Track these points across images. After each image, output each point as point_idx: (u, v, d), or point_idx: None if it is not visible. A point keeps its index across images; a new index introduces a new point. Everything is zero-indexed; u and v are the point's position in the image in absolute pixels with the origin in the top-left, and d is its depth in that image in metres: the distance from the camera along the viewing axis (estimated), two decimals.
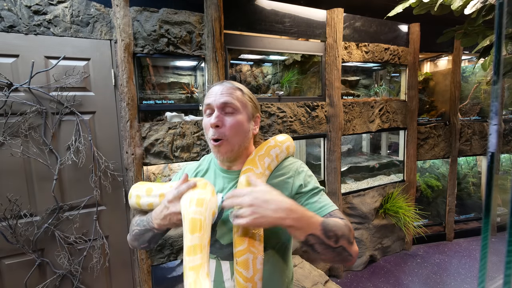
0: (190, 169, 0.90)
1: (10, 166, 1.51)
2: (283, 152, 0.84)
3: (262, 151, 0.80)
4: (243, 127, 0.77)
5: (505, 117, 3.40)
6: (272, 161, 0.80)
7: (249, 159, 0.78)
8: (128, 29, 1.66)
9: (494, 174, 0.42)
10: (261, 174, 0.75)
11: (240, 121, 0.76)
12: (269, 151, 0.80)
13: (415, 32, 2.78)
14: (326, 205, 0.75)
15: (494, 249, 2.62)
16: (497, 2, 0.38)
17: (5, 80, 1.45)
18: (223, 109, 0.75)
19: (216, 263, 0.76)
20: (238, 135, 0.76)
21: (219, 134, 0.73)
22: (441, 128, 3.08)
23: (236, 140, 0.76)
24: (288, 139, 0.87)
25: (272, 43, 2.20)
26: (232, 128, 0.74)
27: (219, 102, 0.74)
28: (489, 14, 1.33)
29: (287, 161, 0.84)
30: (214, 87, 0.78)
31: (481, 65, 1.60)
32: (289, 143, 0.86)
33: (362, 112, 2.62)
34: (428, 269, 2.64)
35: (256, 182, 0.67)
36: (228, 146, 0.75)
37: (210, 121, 0.73)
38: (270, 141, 0.84)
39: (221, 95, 0.75)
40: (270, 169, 0.79)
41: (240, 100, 0.77)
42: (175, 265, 2.23)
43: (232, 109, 0.75)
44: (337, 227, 0.65)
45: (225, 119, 0.74)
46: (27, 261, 1.57)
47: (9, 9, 1.47)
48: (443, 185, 3.32)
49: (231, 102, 0.75)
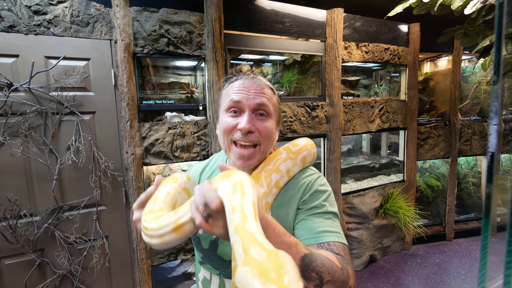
0: (196, 172, 0.81)
1: (10, 166, 1.51)
2: (297, 165, 0.70)
3: (269, 165, 0.67)
4: (273, 135, 0.68)
5: (505, 117, 3.40)
6: (282, 178, 0.67)
7: (254, 174, 0.66)
8: (128, 29, 1.66)
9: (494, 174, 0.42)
10: (267, 193, 0.64)
11: (272, 127, 0.66)
12: (278, 166, 0.67)
13: (415, 32, 2.77)
14: (328, 232, 0.59)
15: (494, 249, 2.62)
16: (497, 2, 0.38)
17: (5, 80, 1.45)
18: (255, 111, 0.65)
19: (219, 280, 0.68)
20: (268, 143, 0.66)
21: (250, 140, 0.63)
22: (441, 128, 3.08)
23: (265, 148, 0.66)
24: (306, 147, 0.72)
25: (272, 43, 2.20)
26: (264, 134, 0.65)
27: (254, 103, 0.64)
28: (489, 14, 1.33)
29: (302, 174, 0.70)
30: (243, 81, 0.66)
31: (481, 65, 1.60)
32: (306, 154, 0.72)
33: (362, 112, 2.62)
34: (428, 269, 2.64)
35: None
36: (258, 156, 0.66)
37: (241, 125, 0.62)
38: (281, 152, 0.70)
39: (255, 94, 0.64)
40: (278, 187, 0.66)
41: (273, 102, 0.67)
42: (175, 265, 2.23)
43: (265, 113, 0.65)
44: (325, 267, 0.49)
45: (257, 124, 0.64)
46: (27, 261, 1.57)
47: (9, 9, 1.47)
48: (443, 185, 3.32)
49: (266, 105, 0.65)
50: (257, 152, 0.65)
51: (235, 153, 0.65)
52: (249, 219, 0.40)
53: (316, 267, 0.48)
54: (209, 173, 0.79)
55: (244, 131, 0.62)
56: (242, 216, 0.40)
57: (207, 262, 0.70)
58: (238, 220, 0.40)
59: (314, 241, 0.58)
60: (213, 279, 0.69)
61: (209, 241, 0.69)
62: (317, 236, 0.58)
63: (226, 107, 0.66)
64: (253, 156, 0.65)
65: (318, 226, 0.60)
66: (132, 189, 1.73)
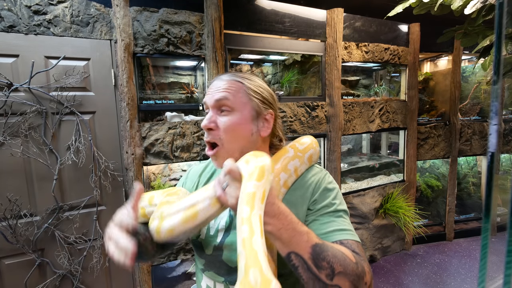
0: (194, 174, 0.80)
1: (10, 166, 1.51)
2: (304, 164, 0.69)
3: (277, 164, 0.65)
4: (242, 129, 0.64)
5: (505, 117, 3.40)
6: (290, 177, 0.65)
7: None
8: (128, 29, 1.66)
9: (494, 174, 0.42)
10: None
11: (237, 121, 0.63)
12: (286, 165, 0.65)
13: (415, 32, 2.77)
14: (339, 231, 0.59)
15: (494, 249, 2.62)
16: (497, 2, 0.38)
17: (5, 80, 1.45)
18: (218, 108, 0.64)
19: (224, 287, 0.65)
20: (236, 139, 0.63)
21: (212, 137, 0.63)
22: (441, 128, 3.08)
23: (235, 146, 0.63)
24: (311, 145, 0.71)
25: (272, 43, 2.20)
26: (226, 130, 0.62)
27: (213, 100, 0.63)
28: (489, 14, 1.33)
29: (309, 173, 0.69)
30: (214, 82, 0.67)
31: (481, 65, 1.60)
32: (312, 152, 0.71)
33: (362, 112, 2.62)
34: (428, 269, 2.64)
35: None
36: (225, 153, 0.63)
37: (202, 123, 0.63)
38: (289, 151, 0.68)
39: (216, 91, 0.64)
40: (286, 186, 0.65)
41: (238, 96, 0.64)
42: (175, 265, 2.23)
43: (228, 107, 0.63)
44: (337, 258, 0.49)
45: (219, 120, 0.63)
46: (27, 261, 1.57)
47: (9, 9, 1.47)
48: (443, 185, 3.32)
49: (227, 99, 0.62)
50: (220, 151, 0.64)
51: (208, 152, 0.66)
52: (256, 234, 0.43)
53: (327, 256, 0.49)
54: (209, 175, 0.78)
55: (204, 128, 0.63)
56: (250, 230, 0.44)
57: (211, 268, 0.67)
58: (246, 233, 0.43)
59: (329, 239, 0.58)
60: (217, 286, 0.65)
61: (212, 247, 0.65)
62: (329, 236, 0.58)
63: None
64: (218, 154, 0.64)
65: (329, 226, 0.60)
66: (132, 189, 1.74)
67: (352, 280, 0.49)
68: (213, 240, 0.66)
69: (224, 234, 0.65)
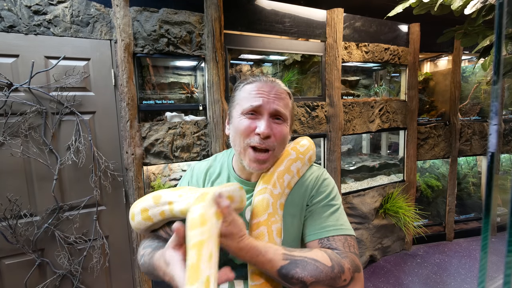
0: (200, 170, 0.80)
1: (10, 166, 1.51)
2: (306, 165, 0.73)
3: (281, 166, 0.69)
4: (287, 139, 0.69)
5: (505, 117, 3.40)
6: (293, 178, 0.70)
7: (267, 176, 0.68)
8: (128, 29, 1.66)
9: (494, 174, 0.42)
10: (280, 195, 0.66)
11: (287, 132, 0.68)
12: (290, 166, 0.69)
13: (415, 32, 2.77)
14: (329, 227, 0.63)
15: (494, 249, 2.62)
16: (497, 2, 0.38)
17: (5, 80, 1.45)
18: (273, 116, 0.66)
19: (228, 284, 0.66)
20: (282, 147, 0.68)
21: (267, 144, 0.64)
22: (441, 128, 3.08)
23: (279, 153, 0.68)
24: (310, 147, 0.76)
25: (272, 43, 2.20)
26: (280, 139, 0.66)
27: (273, 109, 0.65)
28: (489, 14, 1.33)
29: (308, 172, 0.74)
30: (262, 85, 0.67)
31: (481, 65, 1.60)
32: (311, 153, 0.76)
33: (362, 112, 2.62)
34: (428, 269, 2.64)
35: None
36: (272, 160, 0.67)
37: (260, 129, 0.63)
38: (291, 153, 0.72)
39: (274, 99, 0.65)
40: (290, 187, 0.69)
41: (289, 108, 0.69)
42: None
43: (282, 118, 0.66)
44: (307, 271, 0.54)
45: (274, 128, 0.65)
46: (27, 261, 1.57)
47: (9, 9, 1.47)
48: (443, 185, 3.32)
49: (283, 112, 0.66)
50: (271, 156, 0.66)
51: (250, 156, 0.66)
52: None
53: (295, 274, 0.53)
54: (215, 175, 0.77)
55: (263, 136, 0.63)
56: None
57: None
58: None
59: (316, 236, 0.63)
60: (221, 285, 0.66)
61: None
62: (319, 232, 0.63)
63: (244, 109, 0.66)
64: (268, 160, 0.66)
65: (321, 222, 0.64)
66: (132, 189, 1.73)
67: (327, 284, 0.54)
68: None
69: None
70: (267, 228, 0.61)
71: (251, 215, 0.64)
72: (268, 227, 0.61)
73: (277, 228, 0.62)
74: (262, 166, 0.66)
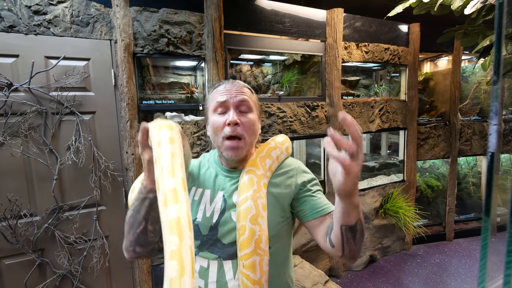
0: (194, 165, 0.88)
1: (10, 166, 1.51)
2: (283, 153, 0.85)
3: (263, 152, 0.80)
4: (256, 127, 0.78)
5: (505, 117, 3.40)
6: (273, 163, 0.80)
7: (251, 161, 0.78)
8: (128, 29, 1.66)
9: (494, 174, 0.42)
10: (263, 175, 0.76)
11: (254, 120, 0.77)
12: (270, 152, 0.81)
13: (415, 32, 2.77)
14: (329, 204, 0.75)
15: (494, 249, 2.62)
16: (497, 2, 0.38)
17: (5, 80, 1.45)
18: (238, 107, 0.75)
19: (218, 263, 0.73)
20: (252, 134, 0.77)
21: (237, 132, 0.73)
22: (441, 128, 3.08)
23: (250, 140, 0.77)
24: (287, 140, 0.89)
25: (272, 43, 2.20)
26: (248, 127, 0.75)
27: (236, 100, 0.74)
28: (489, 14, 1.33)
29: (287, 161, 0.85)
30: (225, 85, 0.77)
31: (481, 65, 1.60)
32: (288, 144, 0.88)
33: (362, 112, 2.62)
34: (428, 269, 2.64)
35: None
36: (244, 145, 0.75)
37: (229, 119, 0.72)
38: (270, 143, 0.84)
39: (237, 93, 0.75)
40: (271, 170, 0.80)
41: (252, 99, 0.78)
42: None
43: (247, 108, 0.76)
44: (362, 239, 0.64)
45: (241, 118, 0.74)
46: (27, 261, 1.57)
47: (9, 9, 1.47)
48: (443, 185, 3.32)
49: (247, 101, 0.76)
50: (242, 143, 0.74)
51: (226, 146, 0.74)
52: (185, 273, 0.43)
53: (363, 234, 0.63)
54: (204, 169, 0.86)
55: (232, 123, 0.72)
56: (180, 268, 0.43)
57: (205, 248, 0.74)
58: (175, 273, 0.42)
59: (324, 212, 0.73)
60: (211, 266, 0.73)
61: (208, 227, 0.74)
62: (324, 208, 0.74)
63: (214, 108, 0.76)
64: (240, 146, 0.74)
65: (320, 202, 0.75)
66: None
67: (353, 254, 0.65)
68: (209, 221, 0.75)
69: (219, 215, 0.75)
70: (253, 202, 0.69)
71: (239, 193, 0.73)
72: (254, 201, 0.70)
73: (262, 203, 0.71)
74: (237, 152, 0.74)
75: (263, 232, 0.68)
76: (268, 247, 0.69)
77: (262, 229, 0.68)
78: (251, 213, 0.68)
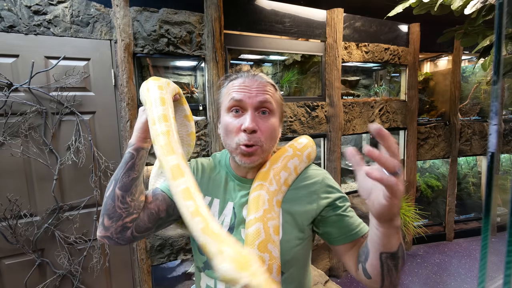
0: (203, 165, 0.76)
1: (10, 166, 1.51)
2: (303, 162, 0.70)
3: (277, 163, 0.67)
4: (277, 133, 0.66)
5: (505, 117, 3.40)
6: (290, 175, 0.67)
7: (262, 172, 0.66)
8: (128, 29, 1.66)
9: (494, 174, 0.42)
10: (277, 191, 0.64)
11: (275, 125, 0.65)
12: (286, 163, 0.67)
13: (415, 32, 2.77)
14: (362, 224, 0.64)
15: (494, 249, 2.62)
16: (497, 2, 0.38)
17: (5, 80, 1.45)
18: (258, 109, 0.63)
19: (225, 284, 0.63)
20: (272, 141, 0.65)
21: (254, 140, 0.61)
22: (441, 128, 3.08)
23: (269, 147, 0.65)
24: (309, 144, 0.74)
25: (272, 43, 2.20)
26: (267, 134, 0.63)
27: (256, 101, 0.62)
28: (489, 14, 1.33)
29: (309, 171, 0.71)
30: (244, 79, 0.64)
31: (481, 65, 1.60)
32: (310, 150, 0.73)
33: (362, 112, 2.62)
34: (428, 269, 2.64)
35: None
36: (261, 154, 0.64)
37: (245, 125, 0.60)
38: (288, 150, 0.70)
39: (257, 91, 0.62)
40: (287, 184, 0.67)
41: (275, 99, 0.65)
42: (175, 265, 2.23)
43: (268, 110, 0.63)
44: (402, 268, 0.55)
45: (260, 122, 0.62)
46: (27, 261, 1.57)
47: (9, 9, 1.47)
48: (443, 185, 3.32)
49: (270, 102, 0.63)
50: (260, 150, 0.63)
51: (239, 152, 0.63)
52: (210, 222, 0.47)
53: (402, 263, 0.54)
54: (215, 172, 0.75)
55: (248, 131, 0.60)
56: (204, 220, 0.47)
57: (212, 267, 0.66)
58: (202, 224, 0.47)
59: (358, 235, 0.63)
60: (218, 286, 0.64)
61: None
62: (358, 231, 0.63)
63: (228, 106, 0.64)
64: (256, 152, 0.63)
65: (353, 222, 0.64)
66: None
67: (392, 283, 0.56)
68: None
69: (228, 231, 0.65)
70: (263, 225, 0.59)
71: (248, 211, 0.62)
72: (264, 224, 0.59)
73: (274, 225, 0.60)
74: (252, 159, 0.63)
75: (274, 261, 0.57)
76: (279, 277, 0.59)
77: (273, 257, 0.58)
78: (260, 238, 0.58)
